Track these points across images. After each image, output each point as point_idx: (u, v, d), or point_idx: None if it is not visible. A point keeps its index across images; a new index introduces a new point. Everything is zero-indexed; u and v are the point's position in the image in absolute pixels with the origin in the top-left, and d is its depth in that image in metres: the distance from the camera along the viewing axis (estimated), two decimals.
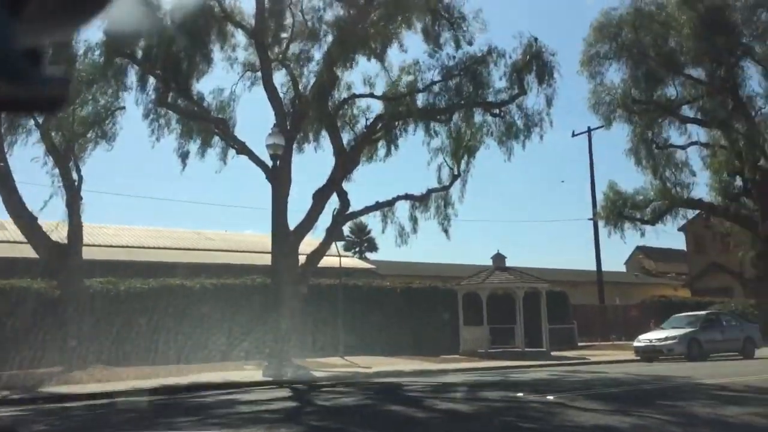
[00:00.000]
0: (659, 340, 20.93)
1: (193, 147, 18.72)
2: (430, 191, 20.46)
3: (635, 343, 21.94)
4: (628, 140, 32.01)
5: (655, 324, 24.76)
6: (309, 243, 20.33)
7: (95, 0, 1.01)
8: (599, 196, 34.54)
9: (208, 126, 18.03)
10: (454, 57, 17.71)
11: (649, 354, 21.04)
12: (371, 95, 18.31)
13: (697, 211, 40.84)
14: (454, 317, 24.22)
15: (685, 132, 31.57)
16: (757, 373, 14.31)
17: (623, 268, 63.78)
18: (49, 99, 1.02)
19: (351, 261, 36.04)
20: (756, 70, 29.57)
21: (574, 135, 38.14)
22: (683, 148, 32.05)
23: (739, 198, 35.26)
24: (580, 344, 29.46)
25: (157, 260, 24.75)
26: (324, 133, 19.54)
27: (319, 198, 17.95)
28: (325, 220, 19.22)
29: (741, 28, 28.59)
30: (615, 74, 30.08)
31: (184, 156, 18.60)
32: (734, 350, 21.78)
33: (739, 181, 35.39)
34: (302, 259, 18.83)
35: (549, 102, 18.19)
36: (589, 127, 37.52)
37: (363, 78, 18.39)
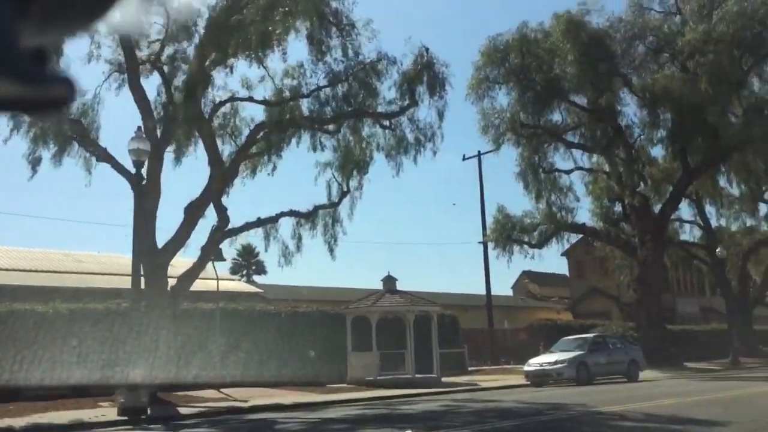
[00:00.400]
0: (549, 364, 20.28)
1: (46, 154, 16.30)
2: (317, 208, 18.96)
3: (525, 368, 21.22)
4: (517, 164, 32.01)
5: (544, 347, 24.27)
6: (184, 264, 18.24)
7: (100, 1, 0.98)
8: (489, 220, 34.31)
9: (62, 129, 15.68)
10: (342, 61, 16.40)
11: (540, 378, 20.34)
12: (250, 99, 16.59)
13: (579, 237, 41.76)
14: (342, 343, 22.65)
15: (570, 157, 31.95)
16: (649, 398, 13.66)
17: (510, 292, 64.63)
18: (53, 99, 0.96)
19: (236, 284, 33.78)
20: (633, 101, 30.35)
21: (464, 159, 37.89)
22: (568, 172, 32.41)
23: (619, 223, 36.10)
24: (470, 368, 28.68)
25: (11, 283, 21.74)
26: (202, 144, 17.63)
27: (192, 212, 15.97)
28: (203, 238, 17.28)
29: (620, 59, 29.24)
30: (504, 98, 30.01)
31: (35, 162, 16.13)
32: (620, 373, 21.51)
33: (618, 207, 36.27)
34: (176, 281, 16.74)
35: (441, 115, 17.26)
36: (479, 151, 37.39)
37: (242, 81, 16.72)
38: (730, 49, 27.61)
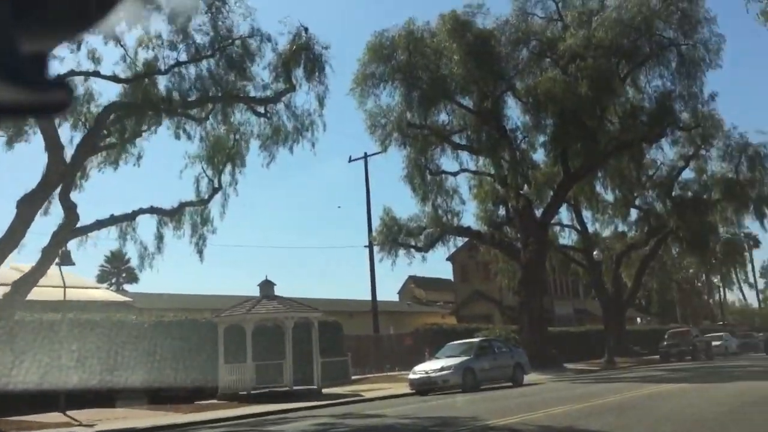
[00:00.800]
0: (435, 371, 19.15)
1: None
2: (183, 205, 16.80)
3: (411, 375, 20.00)
4: (404, 166, 31.03)
5: (429, 353, 23.24)
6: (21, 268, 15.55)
7: (98, 5, 0.99)
8: (376, 223, 33.12)
9: None
10: (208, 34, 14.38)
11: (425, 387, 19.18)
12: (96, 73, 14.18)
13: (464, 241, 41.51)
14: (213, 354, 20.50)
15: (456, 159, 31.36)
16: (539, 406, 12.69)
17: (397, 298, 64.05)
18: (50, 103, 1.00)
19: (101, 293, 30.65)
20: (517, 105, 30.17)
21: (351, 160, 36.52)
22: (454, 174, 31.81)
23: (503, 227, 36.03)
24: (354, 377, 27.25)
25: None
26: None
27: (26, 207, 13.43)
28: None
29: (505, 62, 28.92)
30: (389, 97, 28.87)
31: None
32: (505, 377, 20.77)
33: (502, 211, 36.21)
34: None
35: (321, 101, 15.67)
36: (365, 153, 36.19)
37: (89, 54, 14.26)
38: (609, 55, 27.97)
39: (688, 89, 29.16)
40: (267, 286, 20.74)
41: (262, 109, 15.65)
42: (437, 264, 75.75)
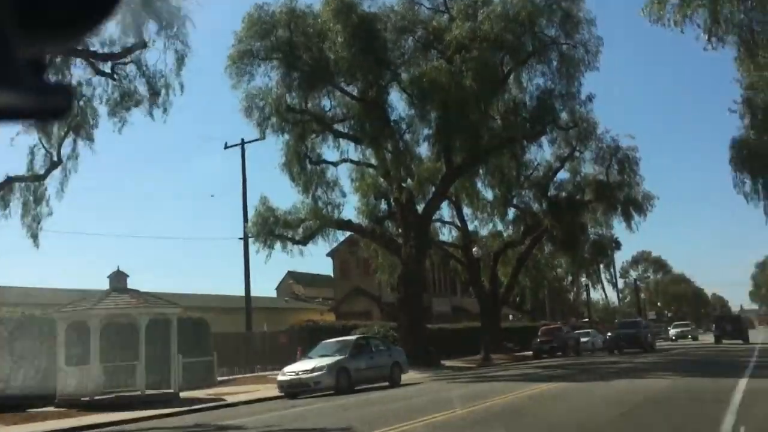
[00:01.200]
0: (306, 371, 17.36)
1: None
2: (11, 179, 13.99)
3: (279, 377, 18.11)
4: (283, 153, 29.00)
5: (302, 352, 21.44)
6: None
7: (98, 10, 0.98)
8: (252, 213, 30.84)
9: None
10: None
11: (295, 389, 17.36)
12: None
13: (345, 237, 40.04)
14: (53, 356, 17.63)
15: (338, 148, 29.72)
16: (418, 413, 11.27)
17: (275, 294, 61.72)
18: (51, 108, 0.98)
19: None
20: (402, 95, 28.93)
21: (227, 147, 33.92)
22: (335, 164, 30.18)
23: (384, 221, 34.86)
24: (221, 379, 24.97)
25: None
26: None
27: None
28: None
29: (390, 51, 27.61)
30: (266, 77, 26.71)
31: None
32: (383, 377, 19.36)
33: (384, 205, 35.01)
34: None
35: (180, 61, 13.43)
36: (242, 139, 33.77)
37: None
38: (494, 49, 27.38)
39: (568, 89, 29.21)
40: (118, 277, 18.06)
41: (107, 68, 13.22)
42: (318, 260, 73.80)
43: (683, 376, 16.27)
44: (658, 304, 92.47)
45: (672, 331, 58.61)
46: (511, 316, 57.71)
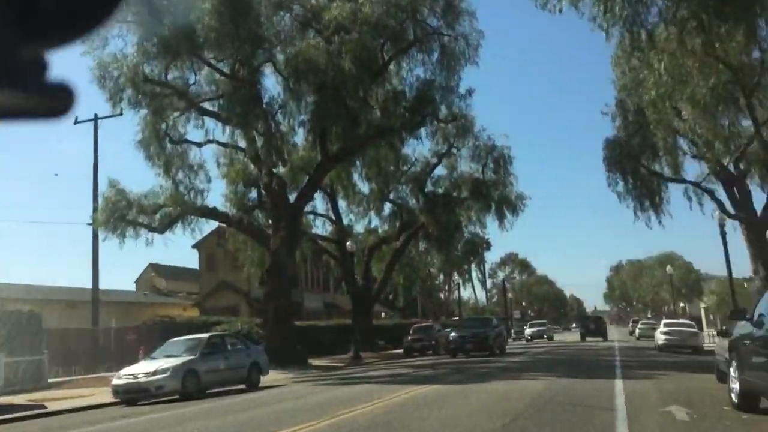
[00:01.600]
0: (146, 374, 14.85)
1: None
2: None
3: (115, 380, 15.44)
4: (140, 129, 25.92)
5: (144, 351, 18.77)
6: None
7: (99, 9, 0.95)
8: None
9: None
10: None
11: (133, 395, 14.82)
12: None
13: (214, 228, 37.13)
14: None
15: (203, 127, 27.01)
16: (271, 425, 9.35)
17: (134, 287, 57.24)
18: (53, 107, 0.96)
19: None
20: (277, 77, 26.73)
21: (77, 122, 30.09)
22: (199, 145, 27.50)
23: (254, 211, 32.53)
24: (54, 380, 21.74)
25: None
26: None
27: None
28: None
29: (266, 28, 25.31)
30: (118, 41, 23.60)
31: None
32: (239, 379, 17.20)
33: (254, 194, 32.67)
34: None
35: None
36: (96, 114, 30.18)
37: None
38: (375, 34, 25.87)
39: (448, 82, 28.27)
40: None
41: None
42: (183, 252, 69.32)
43: (558, 377, 15.43)
44: (523, 303, 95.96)
45: (527, 331, 57.00)
46: (383, 314, 56.91)
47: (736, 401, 9.61)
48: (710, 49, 17.97)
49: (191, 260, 53.37)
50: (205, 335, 17.26)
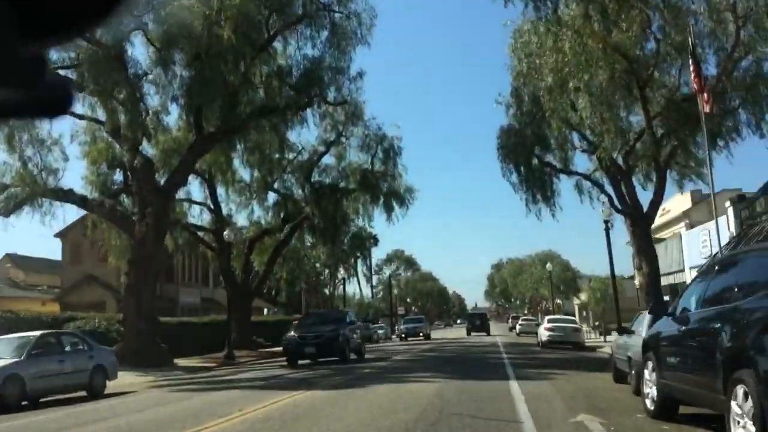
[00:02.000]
0: None
1: None
2: None
3: None
4: None
5: None
6: None
7: (98, 7, 0.93)
8: None
9: None
10: None
11: None
12: None
13: (80, 216, 32.94)
14: None
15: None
16: None
17: None
18: (51, 104, 0.96)
19: None
20: (148, 52, 23.49)
21: None
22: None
23: (119, 195, 29.04)
24: None
25: None
26: None
27: None
28: None
29: None
30: None
31: None
32: (79, 385, 14.33)
33: (120, 176, 29.19)
34: None
35: None
36: None
37: None
38: (258, 5, 23.40)
39: (338, 63, 26.29)
40: None
41: None
42: (46, 242, 63.08)
43: (448, 379, 13.80)
44: (408, 300, 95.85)
45: (401, 327, 52.32)
46: (266, 309, 54.09)
47: (652, 408, 8.28)
48: (608, 37, 17.13)
49: (55, 251, 48.07)
50: (36, 333, 14.17)
